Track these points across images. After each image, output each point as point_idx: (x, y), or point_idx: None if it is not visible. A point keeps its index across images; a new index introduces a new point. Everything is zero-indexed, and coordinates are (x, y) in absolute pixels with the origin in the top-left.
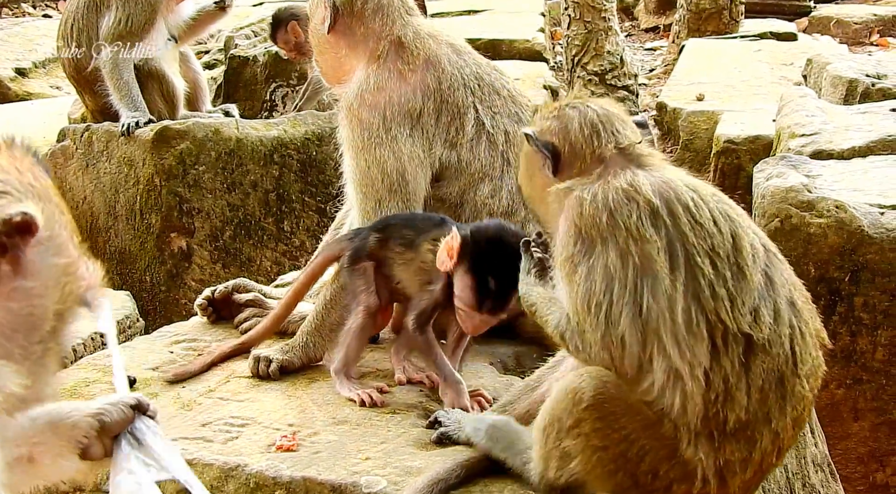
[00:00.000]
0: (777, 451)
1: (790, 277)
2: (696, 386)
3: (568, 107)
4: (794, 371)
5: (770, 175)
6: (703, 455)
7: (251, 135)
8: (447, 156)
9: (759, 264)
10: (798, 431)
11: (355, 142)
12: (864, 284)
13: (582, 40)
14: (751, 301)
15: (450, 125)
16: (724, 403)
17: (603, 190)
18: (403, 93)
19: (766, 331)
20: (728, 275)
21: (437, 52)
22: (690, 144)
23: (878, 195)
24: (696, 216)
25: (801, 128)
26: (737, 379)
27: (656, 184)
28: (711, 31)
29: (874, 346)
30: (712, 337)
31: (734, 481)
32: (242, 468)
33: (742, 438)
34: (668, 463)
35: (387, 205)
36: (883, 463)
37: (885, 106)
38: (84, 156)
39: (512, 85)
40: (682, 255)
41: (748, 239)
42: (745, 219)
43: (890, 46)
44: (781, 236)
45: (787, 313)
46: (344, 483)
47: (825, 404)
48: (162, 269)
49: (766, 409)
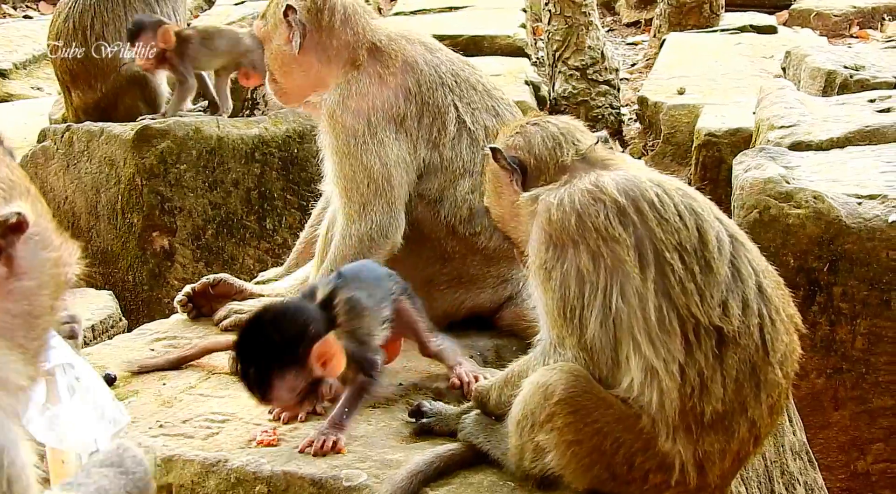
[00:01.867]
0: (754, 439)
1: (758, 264)
2: (672, 381)
3: (529, 124)
4: (766, 359)
5: (749, 167)
6: (682, 448)
7: (232, 134)
8: (430, 157)
9: (726, 256)
10: (775, 418)
11: (340, 148)
12: (843, 274)
13: (563, 35)
14: (719, 294)
15: (432, 126)
16: (700, 396)
17: (569, 193)
18: (386, 97)
19: (736, 323)
20: (696, 270)
21: (412, 53)
22: (672, 138)
23: (855, 185)
24: (662, 212)
25: (780, 120)
26: (711, 371)
27: (621, 182)
28: (692, 25)
29: (853, 336)
30: (685, 332)
31: (713, 471)
32: (223, 463)
33: (720, 429)
34: (643, 455)
35: (373, 210)
36: (864, 452)
37: (864, 97)
38: (65, 157)
39: (486, 79)
40: (651, 252)
41: (713, 231)
42: (710, 210)
43: (870, 38)
44: (760, 227)
45: (756, 302)
46: (324, 477)
47: (805, 394)
48: (144, 268)
49: (741, 399)
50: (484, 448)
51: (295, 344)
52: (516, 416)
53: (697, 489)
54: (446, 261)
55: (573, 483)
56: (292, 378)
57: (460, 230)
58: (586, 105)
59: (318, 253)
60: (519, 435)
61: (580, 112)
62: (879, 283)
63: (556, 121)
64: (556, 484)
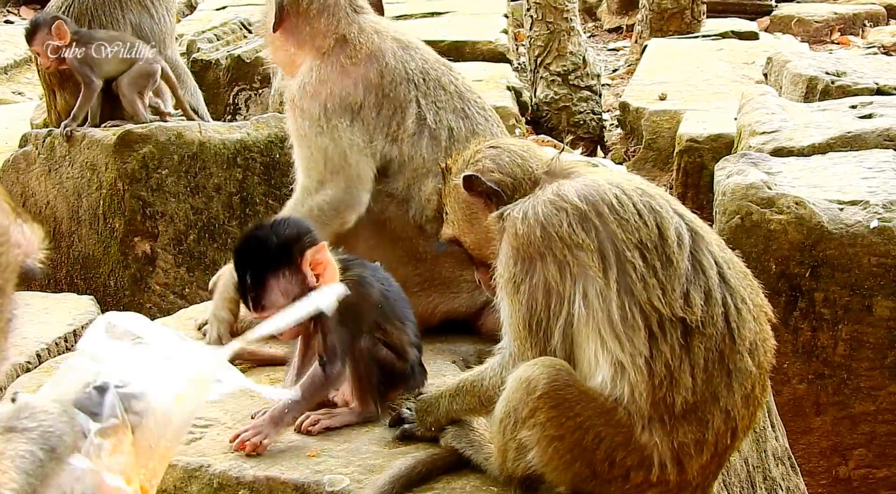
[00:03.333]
0: (731, 432)
1: (721, 255)
2: (640, 374)
3: (486, 148)
4: (734, 347)
5: (730, 172)
6: (658, 440)
7: (214, 139)
8: (388, 150)
9: (686, 249)
10: (752, 411)
11: (298, 131)
12: (825, 279)
13: (545, 41)
14: (680, 286)
15: (391, 119)
16: (669, 387)
17: (533, 205)
18: (344, 86)
19: (699, 313)
20: (657, 265)
21: (381, 47)
22: (653, 144)
23: (837, 191)
24: (622, 212)
25: (762, 126)
26: (678, 362)
27: (581, 188)
28: (674, 31)
29: (835, 341)
30: (648, 325)
31: (691, 465)
32: (206, 468)
33: (693, 420)
34: (624, 450)
35: (329, 185)
36: (845, 457)
37: (845, 103)
38: (46, 161)
39: (462, 81)
40: (612, 253)
41: (673, 226)
42: (669, 206)
43: (851, 45)
44: (742, 233)
45: (719, 291)
46: (307, 482)
47: (787, 399)
48: (126, 273)
49: (712, 388)
50: (466, 453)
51: (290, 245)
52: (499, 414)
53: (679, 487)
54: (419, 262)
55: (555, 482)
56: (286, 280)
57: (428, 229)
58: (568, 110)
59: None
60: (502, 434)
61: (562, 117)
62: (861, 289)
63: (510, 142)
64: (539, 488)
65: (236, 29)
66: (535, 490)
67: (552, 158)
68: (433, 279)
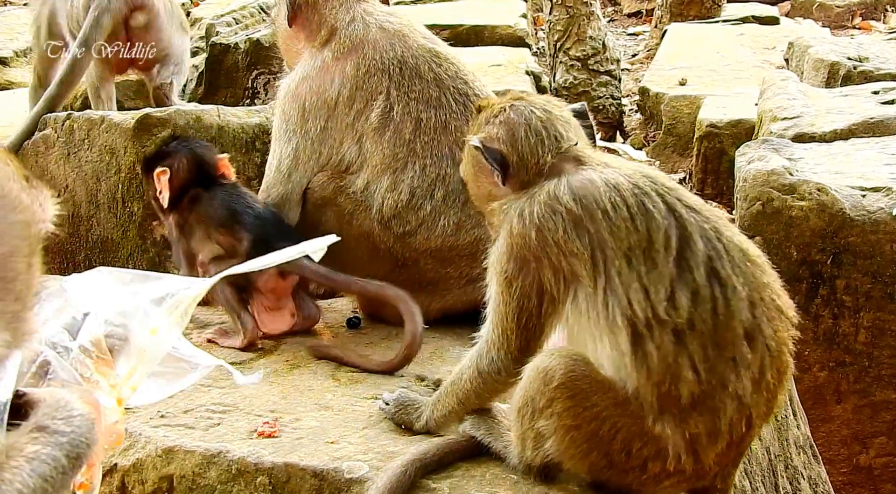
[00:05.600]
0: (746, 420)
1: (716, 246)
2: (636, 371)
3: (511, 110)
4: (727, 337)
5: (752, 158)
6: (670, 431)
7: (232, 123)
8: (350, 150)
9: (672, 252)
10: (768, 396)
11: (274, 132)
12: (846, 267)
13: (564, 25)
14: (665, 289)
15: (361, 113)
16: (672, 382)
17: (529, 205)
18: (322, 82)
19: (685, 314)
20: (642, 270)
21: (363, 39)
22: (673, 129)
23: (859, 177)
24: (614, 218)
25: (783, 112)
26: (674, 357)
27: (578, 188)
28: (694, 16)
29: (856, 329)
30: (633, 326)
31: (707, 455)
32: (224, 454)
33: (704, 410)
34: (640, 441)
35: (270, 193)
36: (866, 445)
37: (867, 89)
38: (65, 145)
39: (447, 68)
40: (602, 261)
41: (662, 230)
42: (665, 203)
43: (872, 29)
44: (763, 219)
45: (707, 288)
46: (326, 469)
47: (808, 387)
48: (145, 257)
49: (718, 377)
50: (485, 441)
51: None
52: (517, 404)
53: (696, 476)
54: (403, 268)
55: (573, 470)
56: (150, 186)
57: (395, 228)
58: (587, 95)
59: None
60: (520, 423)
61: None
62: (883, 276)
63: (539, 110)
64: (559, 477)
65: (255, 12)
66: (554, 478)
67: (568, 145)
68: (420, 281)
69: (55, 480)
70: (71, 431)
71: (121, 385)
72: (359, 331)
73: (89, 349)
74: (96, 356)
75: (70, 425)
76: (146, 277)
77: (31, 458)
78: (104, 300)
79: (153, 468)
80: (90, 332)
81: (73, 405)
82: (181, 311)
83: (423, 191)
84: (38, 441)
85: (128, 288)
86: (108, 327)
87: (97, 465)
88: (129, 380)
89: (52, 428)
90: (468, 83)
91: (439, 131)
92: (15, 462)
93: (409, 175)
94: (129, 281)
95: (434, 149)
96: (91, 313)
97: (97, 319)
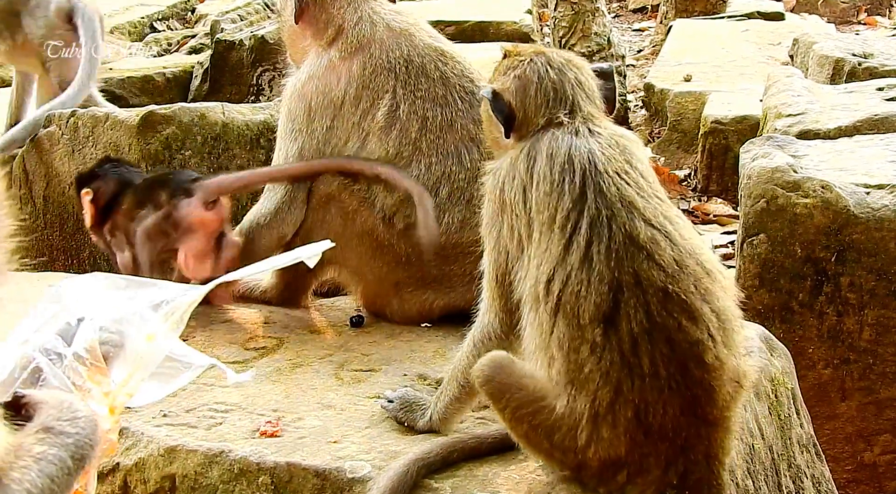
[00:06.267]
0: (632, 406)
1: (607, 238)
2: (539, 350)
3: (529, 65)
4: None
5: (756, 155)
6: (565, 411)
7: (237, 120)
8: (358, 147)
9: (566, 234)
10: (658, 384)
11: (279, 131)
12: (851, 264)
13: (569, 22)
14: (549, 270)
15: (367, 112)
16: (549, 362)
17: (503, 164)
18: (328, 82)
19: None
20: (543, 247)
21: (370, 38)
22: (678, 125)
23: (863, 175)
24: (540, 191)
25: (788, 108)
26: (549, 334)
27: (533, 156)
28: (699, 12)
29: (861, 326)
30: (535, 300)
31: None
32: (226, 454)
33: (575, 389)
34: (555, 428)
35: (274, 191)
36: (870, 443)
37: (872, 85)
38: (70, 142)
39: (453, 66)
40: (535, 229)
41: (565, 211)
42: (585, 187)
43: (878, 25)
44: (767, 216)
45: (580, 273)
46: (328, 469)
47: (813, 384)
48: None
49: (578, 359)
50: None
51: (81, 179)
52: None
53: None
54: (407, 265)
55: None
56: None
57: (397, 224)
58: None
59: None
60: None
61: None
62: (887, 273)
63: (555, 70)
64: None
65: (260, 9)
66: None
67: (561, 112)
68: (423, 278)
69: (61, 481)
70: (76, 432)
71: (115, 392)
72: (362, 329)
73: (83, 356)
74: (90, 363)
75: (75, 426)
76: (142, 283)
77: (38, 458)
78: (100, 306)
79: (155, 467)
80: (85, 339)
81: (77, 406)
82: (177, 318)
83: (428, 188)
84: (45, 442)
85: (123, 294)
86: (103, 333)
87: (92, 471)
88: (124, 387)
89: (57, 429)
90: (474, 81)
91: (445, 129)
92: (23, 462)
93: (415, 173)
94: (125, 287)
95: (440, 147)
96: (86, 319)
97: (92, 325)
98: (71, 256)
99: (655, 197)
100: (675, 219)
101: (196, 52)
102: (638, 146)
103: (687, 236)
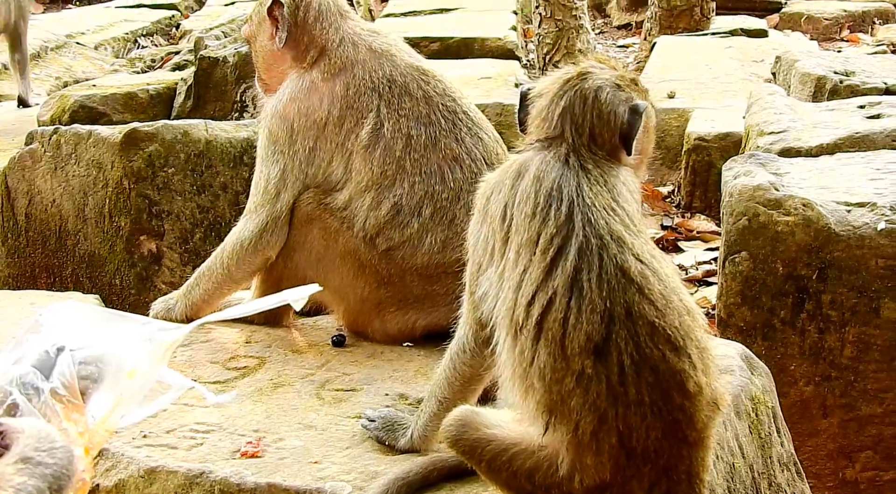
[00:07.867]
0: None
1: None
2: (516, 378)
3: (576, 81)
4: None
5: (738, 173)
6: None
7: (220, 137)
8: (341, 167)
9: (547, 258)
10: (641, 412)
11: (260, 152)
12: (832, 281)
13: (553, 38)
14: (530, 292)
15: (351, 131)
16: (528, 391)
17: (498, 172)
18: (311, 103)
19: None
20: (522, 268)
21: (353, 59)
22: (662, 142)
23: (844, 192)
24: (524, 211)
25: (770, 126)
26: (530, 362)
27: (518, 171)
28: (683, 28)
29: (842, 343)
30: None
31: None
32: (207, 475)
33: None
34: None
35: (257, 214)
36: (852, 460)
37: (853, 103)
38: (52, 159)
39: (434, 85)
40: (510, 244)
41: (549, 235)
42: (570, 212)
43: (860, 42)
44: (749, 234)
45: (564, 298)
46: (309, 489)
47: (794, 401)
48: (132, 272)
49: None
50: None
51: None
52: None
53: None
54: (388, 285)
55: None
56: None
57: (379, 243)
58: None
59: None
60: None
61: None
62: (868, 291)
63: (590, 97)
64: None
65: None
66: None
67: (559, 136)
68: (406, 298)
69: None
70: (54, 463)
71: (93, 430)
72: (344, 349)
73: (60, 393)
74: (67, 400)
75: (53, 457)
76: (124, 317)
77: (18, 489)
78: (80, 337)
79: (135, 488)
80: (62, 373)
81: (54, 436)
82: (159, 355)
83: (412, 208)
84: (24, 473)
85: (105, 328)
86: (82, 368)
87: None
88: (104, 424)
89: (36, 460)
90: (456, 100)
91: (429, 148)
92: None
93: (398, 192)
94: (107, 319)
95: (423, 167)
96: (65, 350)
97: (71, 358)
98: (53, 274)
99: (641, 235)
100: (659, 257)
101: (180, 69)
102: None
103: (670, 274)
